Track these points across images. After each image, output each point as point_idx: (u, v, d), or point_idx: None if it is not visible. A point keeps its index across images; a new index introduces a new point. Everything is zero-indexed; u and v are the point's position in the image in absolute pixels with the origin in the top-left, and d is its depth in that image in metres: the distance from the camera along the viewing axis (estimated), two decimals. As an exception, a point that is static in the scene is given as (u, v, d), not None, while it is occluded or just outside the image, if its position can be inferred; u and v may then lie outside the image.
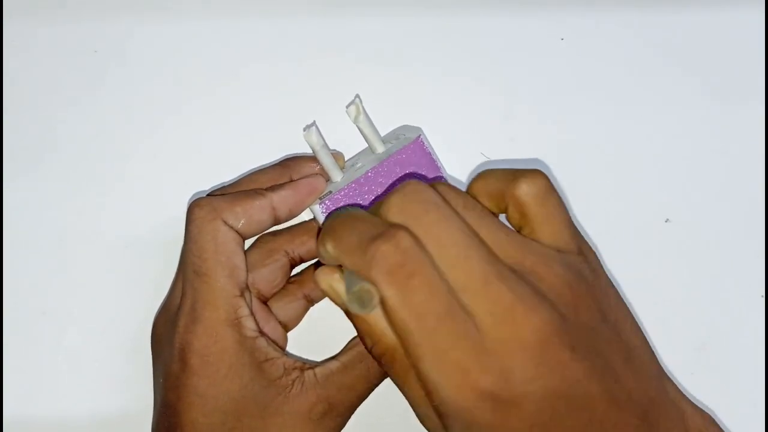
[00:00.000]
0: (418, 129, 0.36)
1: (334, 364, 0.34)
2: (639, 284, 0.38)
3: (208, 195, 0.35)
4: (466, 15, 0.40)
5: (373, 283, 0.25)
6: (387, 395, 0.36)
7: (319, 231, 0.33)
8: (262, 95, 0.40)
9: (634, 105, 0.40)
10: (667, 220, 0.40)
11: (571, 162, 0.40)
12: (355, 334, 0.36)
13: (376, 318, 0.28)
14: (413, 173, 0.35)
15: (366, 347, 0.29)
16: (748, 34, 0.41)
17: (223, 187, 0.37)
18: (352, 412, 0.34)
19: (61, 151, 0.40)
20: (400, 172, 0.35)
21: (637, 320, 0.29)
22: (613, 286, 0.29)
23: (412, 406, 0.28)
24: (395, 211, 0.27)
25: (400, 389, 0.28)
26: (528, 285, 0.26)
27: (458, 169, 0.39)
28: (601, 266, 0.29)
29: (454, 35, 0.40)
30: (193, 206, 0.33)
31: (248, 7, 0.40)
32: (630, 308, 0.29)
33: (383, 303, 0.25)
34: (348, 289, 0.27)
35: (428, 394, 0.26)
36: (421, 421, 0.28)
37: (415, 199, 0.27)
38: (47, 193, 0.40)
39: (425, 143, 0.35)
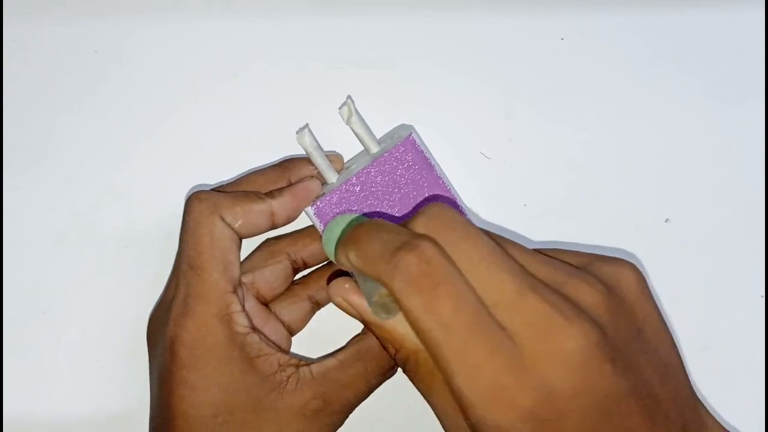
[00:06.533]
0: (411, 127, 0.36)
1: (331, 362, 0.34)
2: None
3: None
4: (466, 15, 0.40)
5: (394, 293, 0.25)
6: (388, 396, 0.36)
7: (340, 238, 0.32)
8: (262, 94, 0.40)
9: (634, 105, 0.40)
10: (667, 220, 0.40)
11: (571, 162, 0.40)
12: (357, 332, 0.36)
13: (394, 324, 0.27)
14: (435, 196, 0.35)
15: (390, 355, 0.28)
16: (748, 34, 0.41)
17: (221, 186, 0.37)
18: (350, 411, 0.34)
19: (61, 151, 0.40)
20: (392, 171, 0.34)
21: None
22: (653, 299, 0.27)
23: (438, 416, 0.27)
24: (421, 226, 0.26)
25: (425, 398, 0.28)
26: (562, 296, 0.25)
27: (458, 169, 0.39)
28: (640, 279, 0.27)
29: (454, 35, 0.40)
30: (193, 199, 0.33)
31: (248, 8, 0.40)
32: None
33: (406, 313, 0.25)
34: (368, 297, 0.26)
35: (462, 410, 0.24)
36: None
37: (441, 218, 0.26)
38: (47, 192, 0.40)
39: (417, 141, 0.35)
